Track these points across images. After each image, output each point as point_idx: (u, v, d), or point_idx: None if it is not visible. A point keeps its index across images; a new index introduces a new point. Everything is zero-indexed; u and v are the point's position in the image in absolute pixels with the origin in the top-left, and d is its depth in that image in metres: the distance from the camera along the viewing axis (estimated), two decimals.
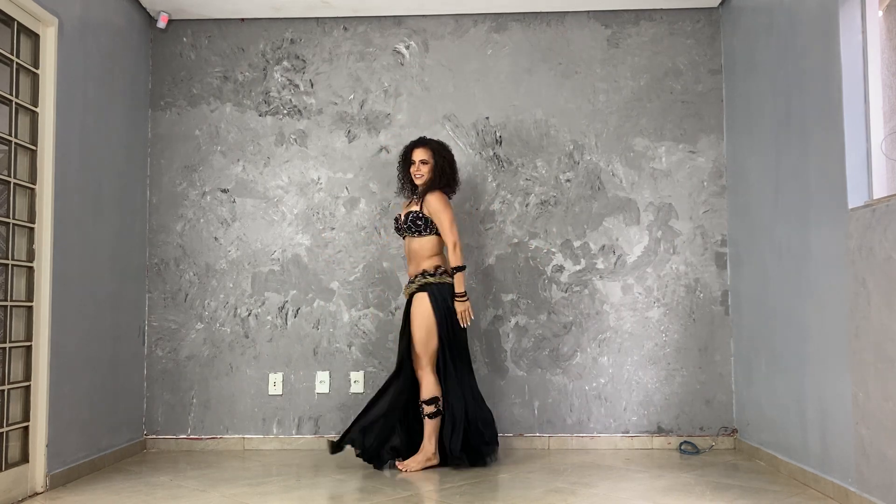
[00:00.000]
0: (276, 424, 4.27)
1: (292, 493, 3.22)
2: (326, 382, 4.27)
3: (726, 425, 4.17)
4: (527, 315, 4.27)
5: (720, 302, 4.23)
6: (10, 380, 3.09)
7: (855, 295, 2.82)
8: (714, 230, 4.27)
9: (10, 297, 3.08)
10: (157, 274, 4.35)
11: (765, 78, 3.69)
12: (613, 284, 4.27)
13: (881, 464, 2.67)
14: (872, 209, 2.71)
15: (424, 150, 3.81)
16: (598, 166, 4.32)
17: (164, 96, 4.43)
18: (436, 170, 3.79)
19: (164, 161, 4.40)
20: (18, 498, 3.11)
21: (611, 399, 4.22)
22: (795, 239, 3.35)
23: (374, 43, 4.42)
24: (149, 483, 3.43)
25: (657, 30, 4.36)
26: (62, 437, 3.37)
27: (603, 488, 3.25)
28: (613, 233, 4.29)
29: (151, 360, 4.32)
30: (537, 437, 4.21)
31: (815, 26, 3.12)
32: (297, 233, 4.36)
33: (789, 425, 3.45)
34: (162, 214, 4.38)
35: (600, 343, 4.24)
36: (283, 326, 4.31)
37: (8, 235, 3.10)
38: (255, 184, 4.38)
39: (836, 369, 3.00)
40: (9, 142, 3.09)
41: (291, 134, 4.40)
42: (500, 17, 4.40)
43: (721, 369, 4.20)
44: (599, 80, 4.35)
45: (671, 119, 4.32)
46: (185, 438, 4.27)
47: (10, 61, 3.10)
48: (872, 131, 2.85)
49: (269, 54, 4.44)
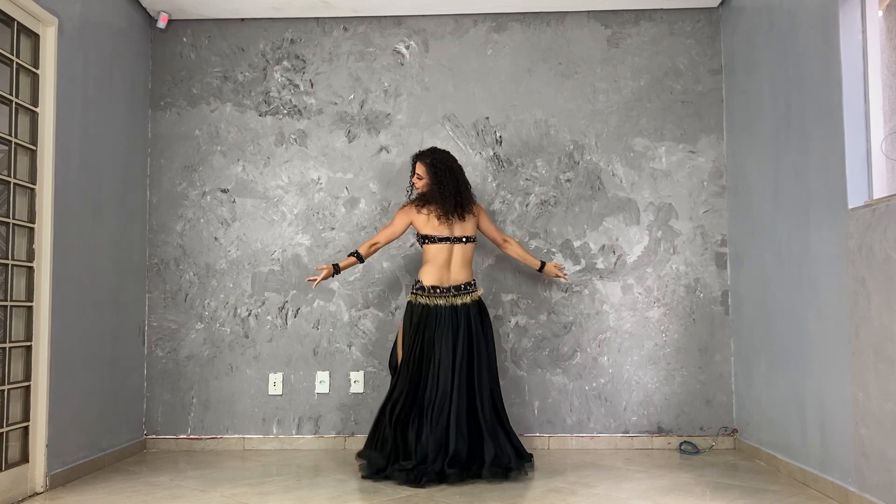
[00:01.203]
0: (276, 424, 4.27)
1: (292, 493, 3.22)
2: (326, 382, 4.27)
3: (726, 425, 4.17)
4: (527, 315, 4.27)
5: (720, 302, 4.23)
6: (10, 380, 3.09)
7: (855, 295, 2.82)
8: (714, 230, 4.27)
9: (10, 297, 3.08)
10: (157, 274, 4.35)
11: (765, 78, 3.69)
12: (613, 284, 4.27)
13: (881, 464, 2.67)
14: (872, 209, 2.71)
15: (420, 164, 3.72)
16: (598, 166, 4.32)
17: (164, 96, 4.43)
18: (432, 183, 3.68)
19: (164, 161, 4.40)
20: (18, 498, 3.11)
21: (611, 399, 4.22)
22: (795, 239, 3.35)
23: (374, 43, 4.42)
24: (149, 483, 3.43)
25: (657, 30, 4.36)
26: (62, 437, 3.37)
27: (603, 488, 3.25)
28: (613, 233, 4.29)
29: (151, 360, 4.32)
30: (537, 437, 4.21)
31: (815, 26, 3.12)
32: (297, 233, 4.35)
33: (789, 425, 3.45)
34: (162, 214, 4.38)
35: (600, 343, 4.24)
36: (283, 326, 4.31)
37: (8, 235, 3.10)
38: (255, 184, 4.38)
39: (836, 369, 3.00)
40: (9, 142, 3.09)
41: (291, 134, 4.40)
42: (500, 17, 4.40)
43: (721, 369, 4.20)
44: (599, 80, 4.35)
45: (671, 119, 4.32)
46: (185, 438, 4.27)
47: (10, 61, 3.10)
48: (872, 131, 2.85)
49: (269, 54, 4.44)
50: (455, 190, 3.66)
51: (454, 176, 3.69)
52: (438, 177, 3.66)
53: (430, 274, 3.63)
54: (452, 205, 3.64)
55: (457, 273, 3.66)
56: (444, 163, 3.69)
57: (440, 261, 3.64)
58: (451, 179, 3.67)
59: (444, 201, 3.64)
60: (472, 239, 3.71)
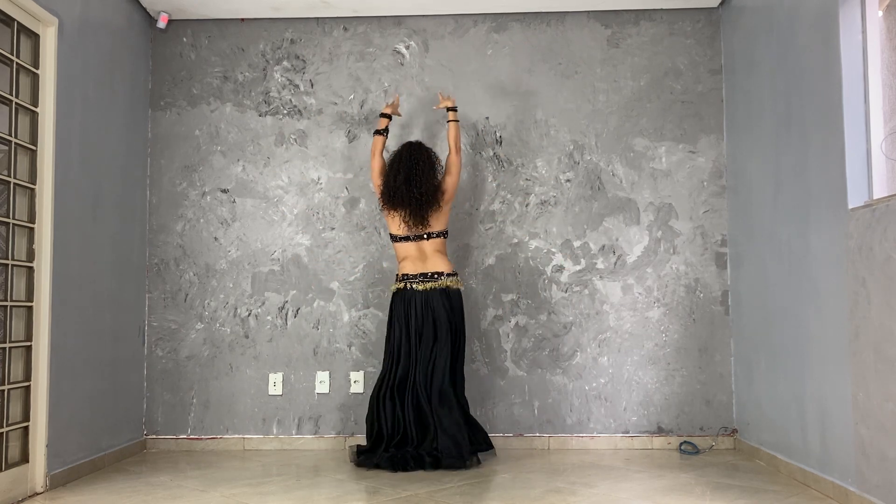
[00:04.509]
0: (276, 424, 4.27)
1: (292, 493, 3.22)
2: (326, 382, 4.27)
3: (726, 425, 4.17)
4: (527, 315, 4.27)
5: (720, 302, 4.23)
6: (10, 380, 3.09)
7: (855, 295, 2.82)
8: (714, 230, 4.27)
9: (10, 297, 3.08)
10: (157, 274, 4.35)
11: (765, 78, 3.69)
12: (613, 284, 4.27)
13: (881, 464, 2.67)
14: (872, 209, 2.71)
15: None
16: (598, 166, 4.32)
17: (164, 96, 4.43)
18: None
19: (164, 161, 4.40)
20: (18, 498, 3.11)
21: (611, 399, 4.22)
22: (795, 239, 3.35)
23: (374, 43, 4.42)
24: (149, 483, 3.43)
25: (657, 30, 4.36)
26: (62, 437, 3.37)
27: (603, 488, 3.25)
28: (613, 233, 4.29)
29: (151, 360, 4.32)
30: (537, 437, 4.21)
31: (815, 26, 3.12)
32: (297, 233, 4.35)
33: (789, 425, 3.45)
34: (162, 214, 4.38)
35: (600, 343, 4.24)
36: (283, 326, 4.31)
37: (8, 235, 3.10)
38: (255, 184, 4.38)
39: (836, 369, 3.00)
40: (9, 142, 3.09)
41: (291, 134, 4.40)
42: (500, 17, 4.40)
43: (721, 369, 4.20)
44: (599, 80, 4.35)
45: (671, 119, 4.32)
46: (185, 438, 4.27)
47: (10, 61, 3.10)
48: (872, 131, 2.85)
49: (269, 54, 4.44)
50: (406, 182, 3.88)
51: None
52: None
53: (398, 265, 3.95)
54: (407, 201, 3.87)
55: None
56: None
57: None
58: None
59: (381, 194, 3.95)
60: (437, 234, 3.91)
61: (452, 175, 3.94)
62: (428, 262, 3.85)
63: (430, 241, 3.87)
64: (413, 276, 3.84)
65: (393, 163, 3.90)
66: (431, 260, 3.85)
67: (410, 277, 3.84)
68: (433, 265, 3.84)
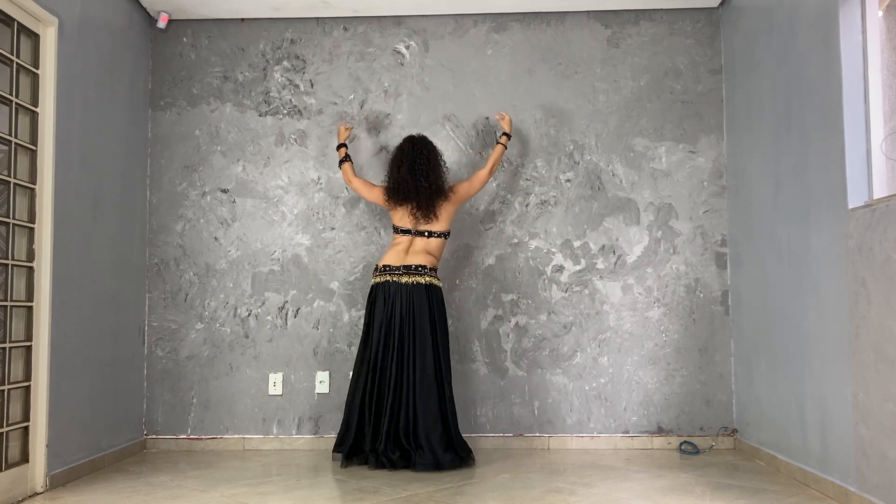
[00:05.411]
0: (276, 424, 4.27)
1: (292, 493, 3.22)
2: (326, 382, 4.27)
3: (726, 425, 4.17)
4: (527, 315, 4.27)
5: (720, 302, 4.23)
6: (10, 380, 3.09)
7: (855, 295, 2.82)
8: (714, 230, 4.27)
9: (10, 297, 3.08)
10: (157, 274, 4.35)
11: (765, 78, 3.69)
12: (613, 284, 4.27)
13: (881, 464, 2.67)
14: (872, 209, 2.71)
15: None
16: (598, 166, 4.32)
17: (164, 96, 4.43)
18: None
19: (164, 161, 4.40)
20: (18, 498, 3.11)
21: (611, 399, 4.22)
22: (795, 239, 3.35)
23: (374, 43, 4.42)
24: (149, 483, 3.43)
25: (657, 30, 4.36)
26: (62, 437, 3.37)
27: (603, 488, 3.25)
28: (613, 233, 4.29)
29: (151, 360, 4.32)
30: (537, 437, 4.21)
31: (815, 26, 3.12)
32: (296, 233, 4.36)
33: (789, 425, 3.45)
34: (162, 214, 4.38)
35: (600, 343, 4.24)
36: (283, 326, 4.31)
37: (8, 235, 3.10)
38: (255, 184, 4.38)
39: (836, 369, 3.00)
40: (9, 142, 3.09)
41: (291, 134, 4.40)
42: (500, 17, 4.40)
43: (721, 369, 4.20)
44: (599, 80, 4.35)
45: (671, 119, 4.32)
46: (185, 438, 4.27)
47: (10, 61, 3.10)
48: (872, 131, 2.85)
49: (269, 54, 4.44)
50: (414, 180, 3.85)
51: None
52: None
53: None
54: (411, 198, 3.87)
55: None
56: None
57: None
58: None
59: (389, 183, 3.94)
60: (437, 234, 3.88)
61: (473, 183, 3.97)
62: (416, 257, 3.81)
63: (429, 241, 3.85)
64: (395, 267, 3.78)
65: (395, 156, 3.90)
66: (420, 255, 3.81)
67: (392, 269, 3.78)
68: (417, 259, 3.80)
